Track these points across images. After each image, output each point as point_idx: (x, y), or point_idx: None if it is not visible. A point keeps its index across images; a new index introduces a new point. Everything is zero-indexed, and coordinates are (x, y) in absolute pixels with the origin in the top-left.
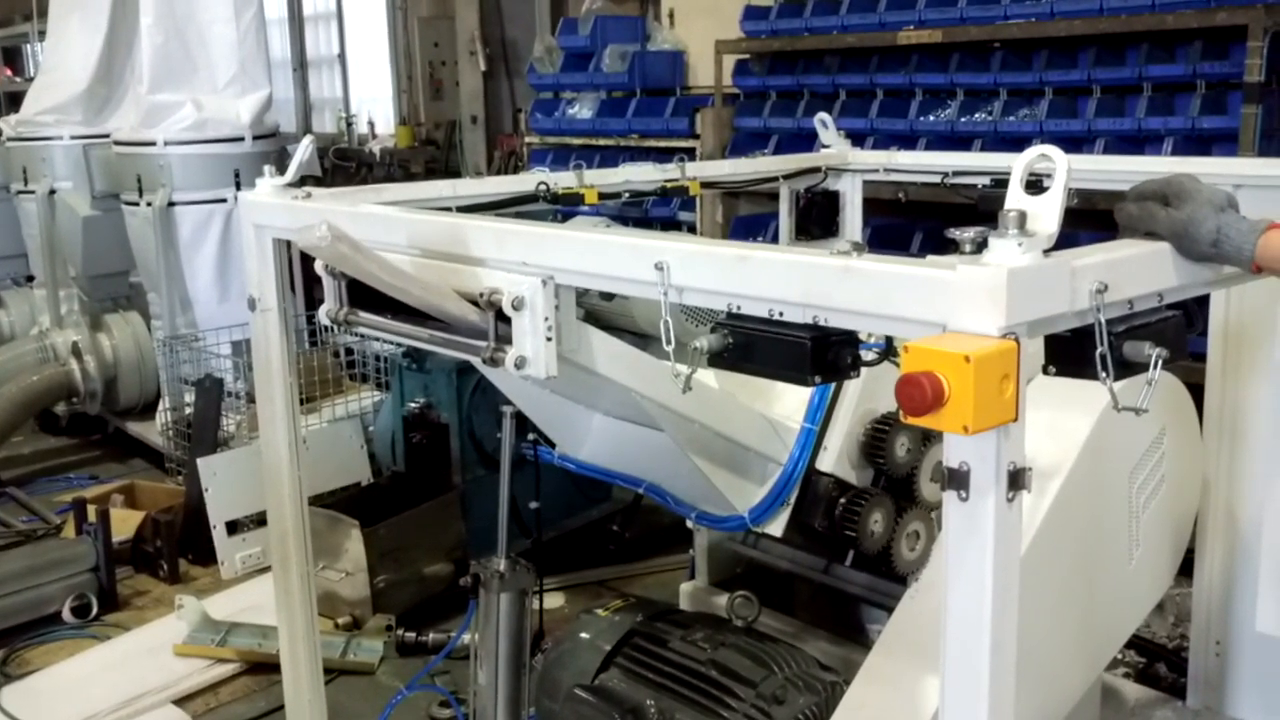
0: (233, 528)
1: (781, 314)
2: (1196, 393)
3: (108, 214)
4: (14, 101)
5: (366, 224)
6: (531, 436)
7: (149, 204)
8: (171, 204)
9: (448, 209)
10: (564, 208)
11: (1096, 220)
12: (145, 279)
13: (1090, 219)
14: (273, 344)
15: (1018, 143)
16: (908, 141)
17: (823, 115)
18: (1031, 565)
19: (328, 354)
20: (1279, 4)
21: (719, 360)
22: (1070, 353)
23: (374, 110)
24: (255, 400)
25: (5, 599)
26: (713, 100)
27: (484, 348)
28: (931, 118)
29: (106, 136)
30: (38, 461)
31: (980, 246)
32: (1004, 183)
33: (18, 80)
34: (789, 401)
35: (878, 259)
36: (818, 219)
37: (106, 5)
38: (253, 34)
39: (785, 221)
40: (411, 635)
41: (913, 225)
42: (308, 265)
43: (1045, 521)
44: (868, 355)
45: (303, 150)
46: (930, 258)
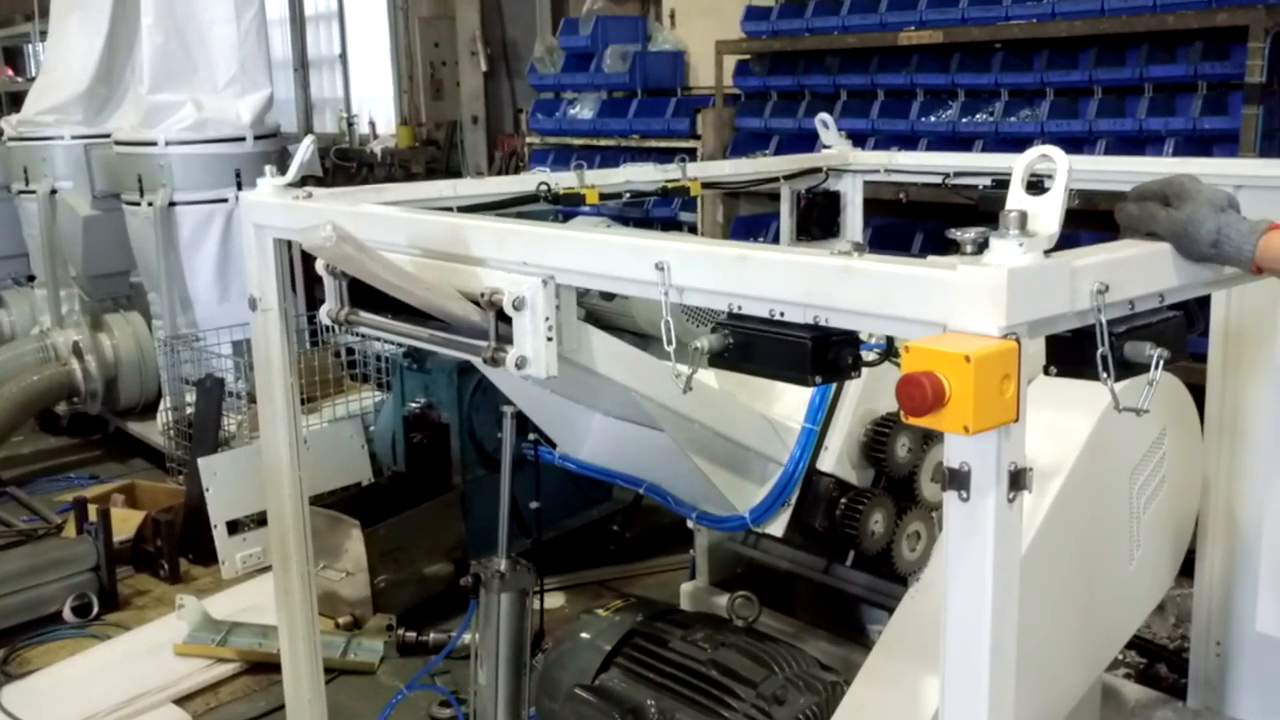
0: (233, 527)
1: (782, 314)
2: (1197, 393)
3: (108, 214)
4: (15, 101)
5: (367, 224)
6: (532, 436)
7: (150, 204)
8: (172, 204)
9: (449, 209)
10: (565, 208)
11: (1098, 221)
12: (146, 279)
13: (1091, 219)
14: (273, 344)
15: (1019, 143)
16: (909, 142)
17: (824, 116)
18: (1032, 566)
19: (328, 354)
20: None
21: (719, 360)
22: (1071, 353)
23: (375, 110)
24: (256, 400)
25: (6, 598)
26: (714, 101)
27: (485, 348)
28: (932, 118)
29: (107, 136)
30: (38, 461)
31: (981, 247)
32: (1005, 183)
33: (19, 80)
34: (789, 401)
35: (878, 259)
36: (819, 219)
37: (107, 5)
38: (253, 34)
39: (786, 222)
40: (412, 635)
41: (913, 226)
42: (308, 265)
43: (1046, 522)
44: (868, 355)
45: (304, 150)
46: (931, 258)
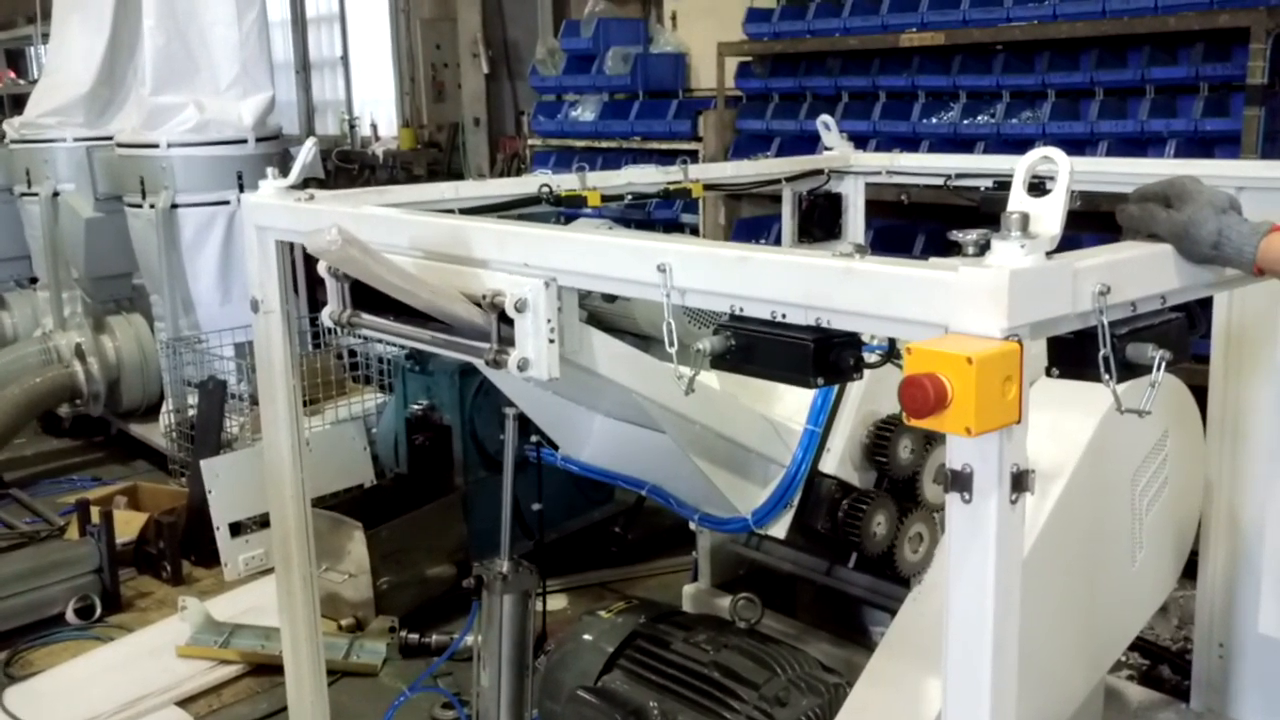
0: (236, 529)
1: (784, 316)
2: (1199, 394)
3: (110, 216)
4: (17, 104)
5: (369, 226)
6: (534, 438)
7: (152, 206)
8: (174, 206)
9: (450, 211)
10: (566, 210)
11: (1099, 222)
12: (148, 281)
13: (1093, 221)
14: (275, 346)
15: (1020, 145)
16: (910, 144)
17: (825, 117)
18: (1034, 567)
19: (330, 356)
20: None
21: (721, 362)
22: (1073, 354)
23: (377, 112)
24: (258, 402)
25: (8, 600)
26: (715, 102)
27: (487, 349)
28: (934, 120)
29: (109, 138)
30: (41, 463)
31: (983, 248)
32: (1006, 185)
33: (21, 83)
34: (791, 403)
35: (880, 261)
36: (820, 221)
37: (109, 7)
38: (255, 36)
39: (788, 224)
40: (414, 637)
41: (915, 227)
42: (311, 267)
43: (1048, 523)
44: (870, 357)
45: (306, 152)
46: (933, 259)
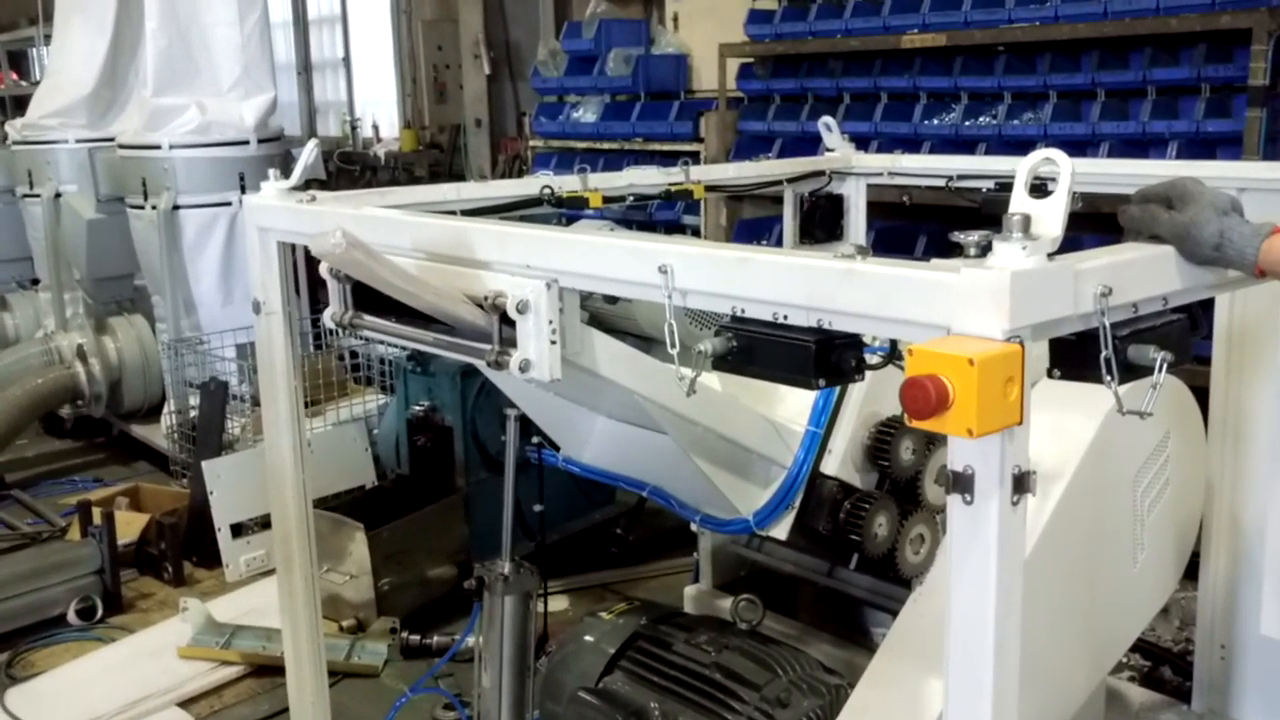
0: (237, 530)
1: (785, 317)
2: (1201, 396)
3: (112, 217)
4: (19, 105)
5: (371, 227)
6: (535, 439)
7: (153, 207)
8: (176, 207)
9: (452, 212)
10: (568, 211)
11: (1101, 224)
12: (150, 282)
13: (1095, 222)
14: (277, 347)
15: (1022, 146)
16: (912, 145)
17: (827, 119)
18: (1036, 568)
19: (332, 357)
20: None
21: (723, 363)
22: (1075, 356)
23: (378, 113)
24: (259, 403)
25: (10, 601)
26: (717, 104)
27: (488, 351)
28: (936, 121)
29: (111, 140)
30: (43, 464)
31: (984, 250)
32: (1008, 186)
33: (23, 84)
34: (793, 404)
35: (881, 262)
36: (822, 222)
37: (111, 9)
38: (257, 37)
39: (789, 225)
40: (416, 638)
41: (917, 228)
42: (312, 268)
43: (1049, 525)
44: (872, 358)
45: (307, 153)
46: (934, 261)
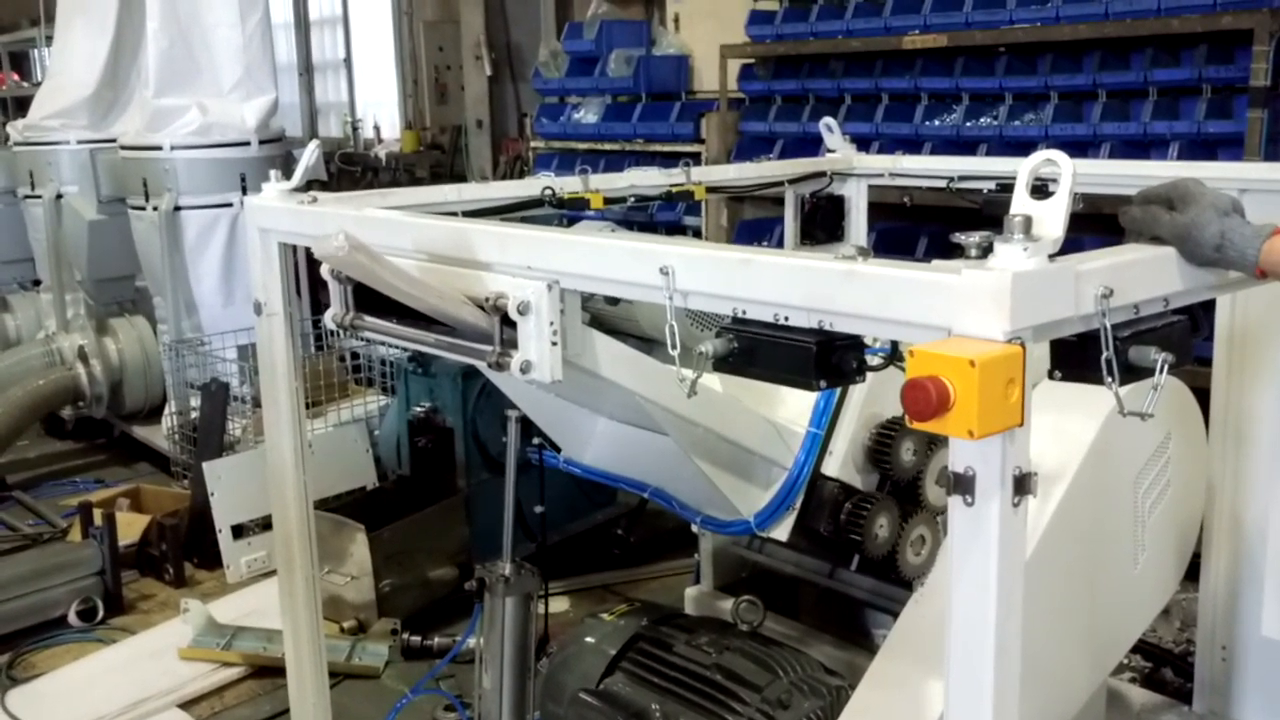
0: (238, 532)
1: (786, 318)
2: (1202, 397)
3: (114, 218)
4: (21, 106)
5: (372, 228)
6: (536, 440)
7: (155, 208)
8: (177, 208)
9: (453, 213)
10: (569, 212)
11: (1102, 225)
12: (151, 283)
13: (1096, 223)
14: (278, 348)
15: (1023, 147)
16: (913, 146)
17: (828, 119)
18: (1036, 570)
19: (333, 358)
20: None
21: (724, 364)
22: (1076, 357)
23: (380, 114)
24: (260, 404)
25: (11, 602)
26: (718, 105)
27: (489, 352)
28: (937, 122)
29: (113, 141)
30: (44, 465)
31: (985, 251)
32: (1009, 187)
33: (25, 85)
34: (794, 406)
35: (882, 263)
36: (823, 223)
37: (112, 9)
38: (258, 38)
39: (790, 226)
40: (416, 639)
41: (918, 229)
42: (314, 270)
43: (1050, 526)
44: (873, 359)
45: (308, 154)
46: (935, 262)
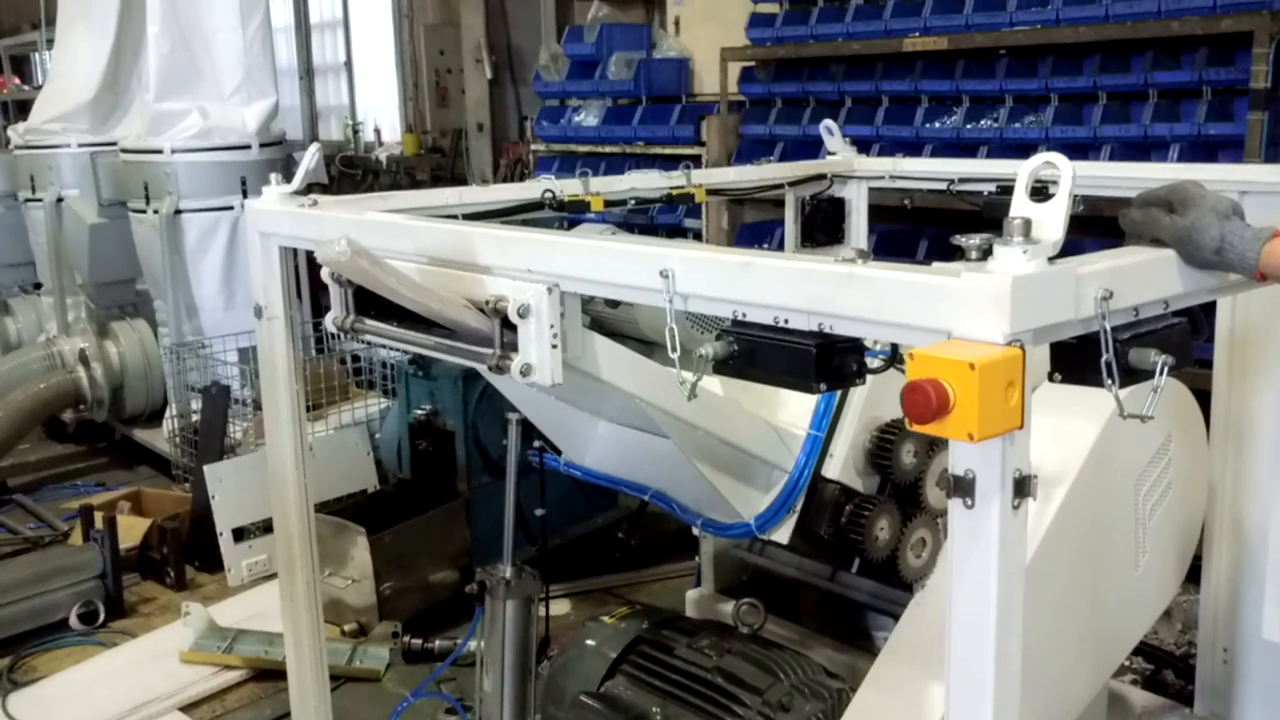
0: (239, 535)
1: (786, 321)
2: (1203, 399)
3: (114, 222)
4: (22, 110)
5: (373, 232)
6: (537, 443)
7: (155, 212)
8: (178, 211)
9: (454, 217)
10: (570, 215)
11: (1103, 227)
12: (152, 286)
13: (1097, 226)
14: (279, 351)
15: (1024, 149)
16: (913, 148)
17: (828, 122)
18: (1037, 572)
19: (334, 361)
20: None
21: (724, 367)
22: (1076, 360)
23: (380, 118)
24: (261, 407)
25: (12, 606)
26: (718, 107)
27: (489, 355)
28: (937, 124)
29: (113, 144)
30: (45, 469)
31: (985, 253)
32: (1010, 189)
33: (26, 89)
34: (794, 408)
35: (882, 266)
36: (823, 226)
37: (113, 13)
38: (259, 41)
39: (791, 228)
40: (418, 642)
41: (919, 232)
42: (314, 273)
43: (1051, 528)
44: (873, 362)
45: (309, 158)
46: (936, 264)
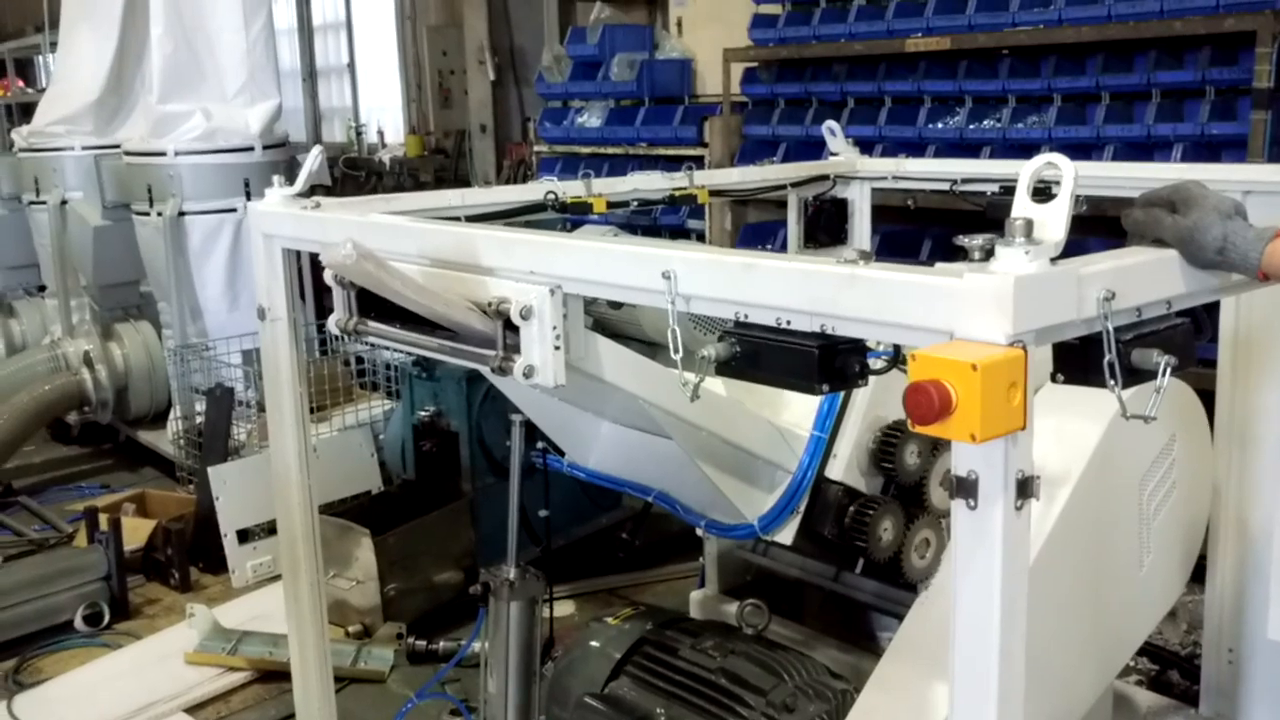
0: (243, 536)
1: (789, 322)
2: (1208, 399)
3: (118, 224)
4: (26, 112)
5: (376, 234)
6: (541, 445)
7: (159, 214)
8: (182, 213)
9: (457, 218)
10: (572, 216)
11: (1106, 227)
12: (156, 288)
13: (1100, 225)
14: (282, 353)
15: (1026, 149)
16: (916, 148)
17: (831, 123)
18: (1041, 572)
19: (338, 363)
20: None
21: (727, 368)
22: (1078, 360)
23: (383, 119)
24: (265, 409)
25: (17, 607)
26: (721, 108)
27: (493, 357)
28: (940, 125)
29: (117, 147)
30: (50, 470)
31: (988, 254)
32: (1013, 190)
33: (29, 91)
34: (798, 409)
35: (884, 267)
36: (826, 226)
37: (117, 15)
38: (262, 43)
39: (794, 229)
40: (422, 643)
41: (922, 232)
42: (318, 274)
43: (1055, 529)
44: (876, 363)
45: (312, 160)
46: (938, 265)
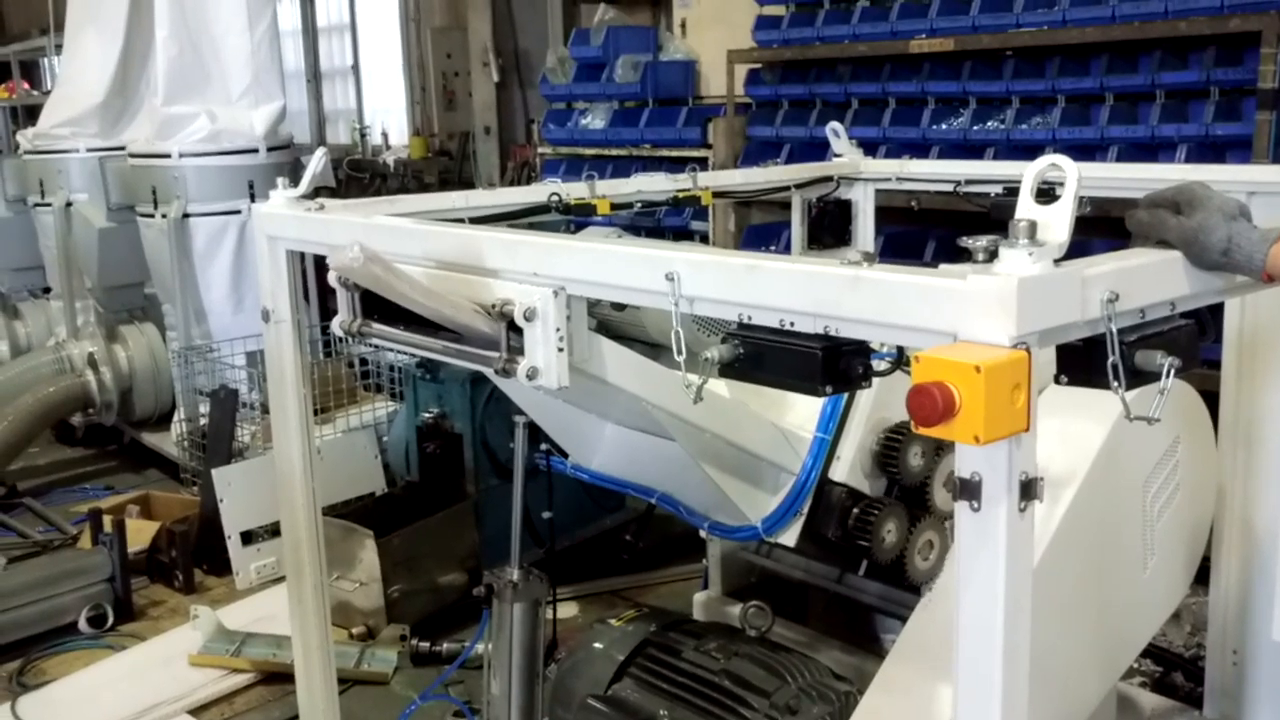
0: (247, 538)
1: (792, 324)
2: (1212, 400)
3: (123, 226)
4: (31, 115)
5: (380, 236)
6: (544, 446)
7: (164, 215)
8: (186, 215)
9: (461, 220)
10: (576, 218)
11: (1110, 228)
12: (160, 290)
13: (1104, 227)
14: (286, 355)
15: (1031, 150)
16: (920, 150)
17: (835, 124)
18: (1045, 574)
19: (342, 364)
20: None
21: (730, 370)
22: (1082, 362)
23: (388, 121)
24: (269, 411)
25: (22, 609)
26: (725, 110)
27: (496, 358)
28: (944, 126)
29: (122, 149)
30: (54, 472)
31: (992, 255)
32: (1017, 191)
33: (35, 94)
34: (801, 411)
35: (888, 269)
36: (830, 228)
37: (122, 18)
38: (266, 45)
39: (797, 231)
40: (425, 645)
41: (926, 233)
42: (322, 276)
43: (1059, 530)
44: (879, 364)
45: (316, 161)
46: (942, 267)
